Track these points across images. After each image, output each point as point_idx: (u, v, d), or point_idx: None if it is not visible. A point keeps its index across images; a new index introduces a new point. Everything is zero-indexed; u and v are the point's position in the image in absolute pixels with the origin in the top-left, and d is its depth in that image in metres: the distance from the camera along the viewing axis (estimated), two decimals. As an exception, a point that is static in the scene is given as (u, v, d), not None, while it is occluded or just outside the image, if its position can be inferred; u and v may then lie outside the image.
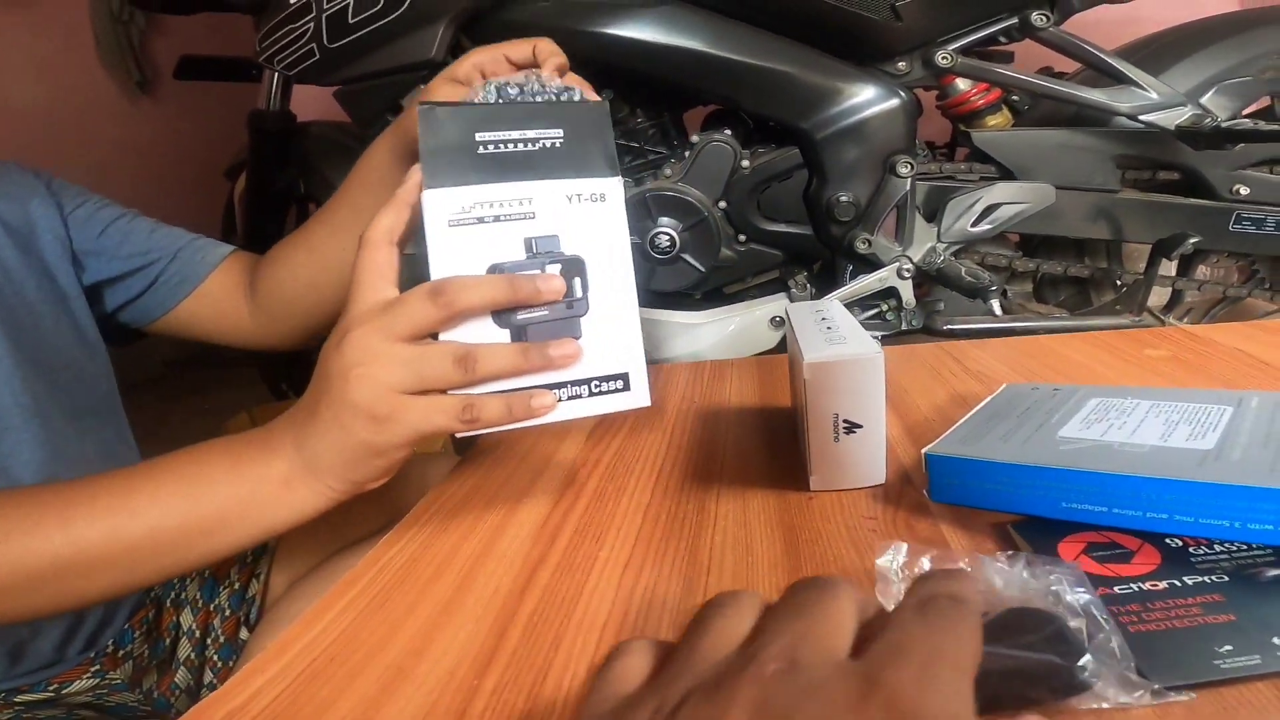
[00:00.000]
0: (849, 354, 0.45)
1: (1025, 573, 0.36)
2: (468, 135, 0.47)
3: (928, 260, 1.05)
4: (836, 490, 0.49)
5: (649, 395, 0.48)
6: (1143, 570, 0.36)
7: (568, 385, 0.47)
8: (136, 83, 2.73)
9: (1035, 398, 0.50)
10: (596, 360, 0.48)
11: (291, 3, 1.05)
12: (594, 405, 0.48)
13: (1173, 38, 1.15)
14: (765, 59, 1.04)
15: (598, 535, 0.49)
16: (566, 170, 0.49)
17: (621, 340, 0.48)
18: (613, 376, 0.48)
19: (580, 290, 0.48)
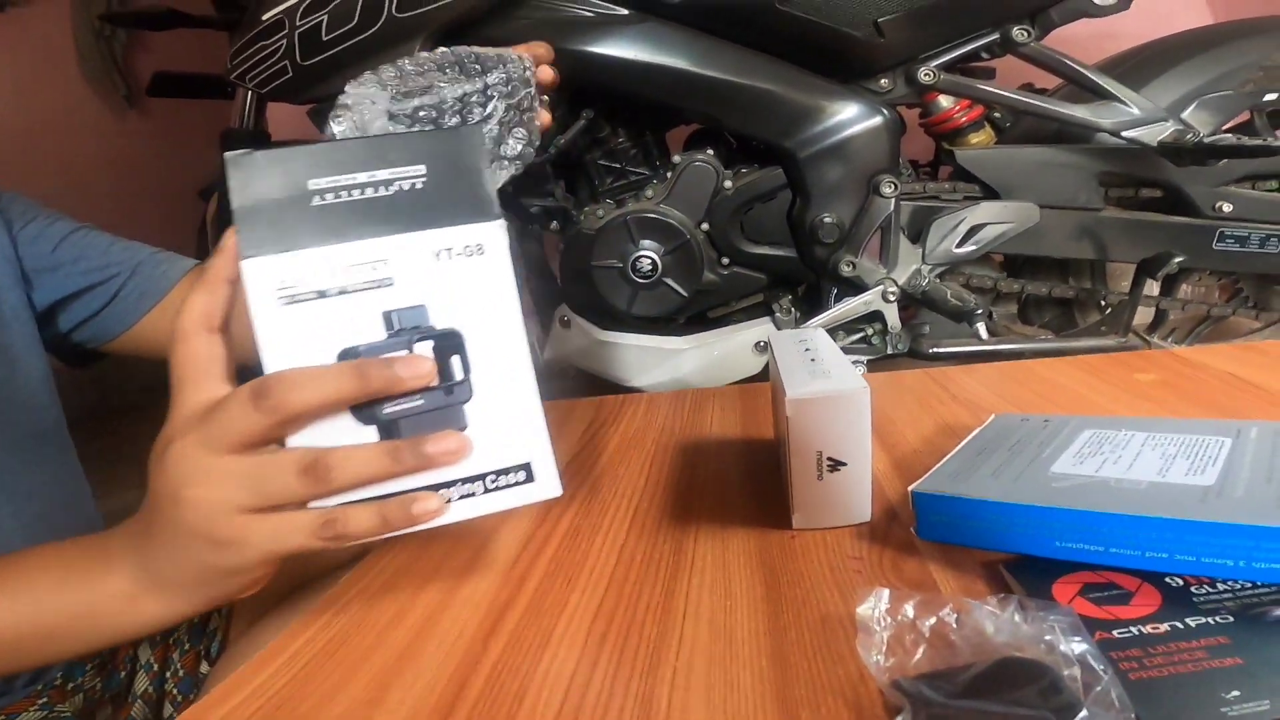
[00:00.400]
0: (833, 390, 0.43)
1: (1017, 617, 0.34)
2: (297, 183, 0.37)
3: (912, 283, 1.04)
4: (820, 529, 0.47)
5: (559, 483, 0.41)
6: (1143, 612, 0.34)
7: (458, 484, 0.39)
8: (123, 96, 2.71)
9: (1025, 429, 0.48)
10: (490, 451, 0.39)
11: (264, 19, 1.03)
12: (492, 502, 0.40)
13: (1152, 52, 1.15)
14: (747, 76, 1.03)
15: (569, 577, 0.46)
16: (431, 219, 0.38)
17: (519, 425, 0.40)
18: (513, 468, 0.40)
19: (460, 372, 0.39)
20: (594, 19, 1.02)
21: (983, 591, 0.39)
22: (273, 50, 1.03)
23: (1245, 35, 1.10)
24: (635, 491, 0.57)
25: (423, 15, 0.99)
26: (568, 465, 0.64)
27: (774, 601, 0.41)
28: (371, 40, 1.00)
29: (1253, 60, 1.09)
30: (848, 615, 0.38)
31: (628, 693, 0.35)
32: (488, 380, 0.39)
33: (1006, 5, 1.00)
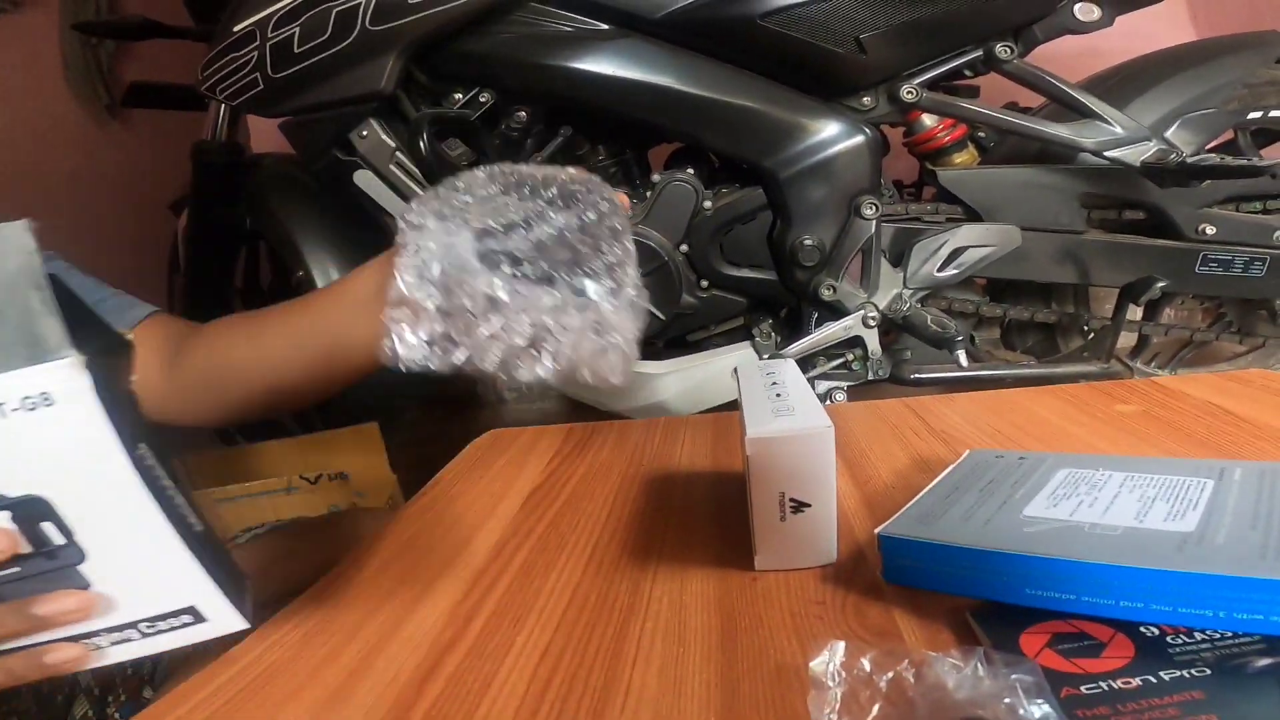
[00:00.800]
0: (796, 429, 0.41)
1: (982, 672, 0.32)
2: None
3: (894, 308, 1.02)
4: (784, 570, 0.44)
5: (240, 618, 0.36)
6: (1115, 665, 0.32)
7: (103, 634, 0.35)
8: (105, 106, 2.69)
9: (1000, 467, 0.46)
10: (136, 601, 0.35)
11: (235, 30, 1.01)
12: (160, 643, 0.36)
13: (1135, 69, 1.14)
14: (728, 94, 1.02)
15: (517, 618, 0.44)
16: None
17: (163, 574, 0.34)
18: (171, 613, 0.35)
19: (59, 536, 0.33)
20: (574, 34, 1.01)
21: (948, 641, 0.37)
22: (244, 62, 1.02)
23: (1228, 52, 1.10)
24: (596, 526, 0.54)
25: (398, 28, 0.97)
26: (531, 495, 0.61)
27: (729, 649, 0.38)
28: (344, 54, 0.99)
29: (1236, 77, 1.08)
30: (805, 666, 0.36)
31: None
32: (103, 536, 0.33)
33: (990, 22, 0.99)
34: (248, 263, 1.60)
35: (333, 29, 0.98)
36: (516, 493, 0.62)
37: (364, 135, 1.07)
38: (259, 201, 1.33)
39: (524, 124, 1.06)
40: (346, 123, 1.05)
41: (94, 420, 0.30)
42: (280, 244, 1.31)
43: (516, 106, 1.06)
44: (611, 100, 1.02)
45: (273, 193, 1.33)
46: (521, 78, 1.02)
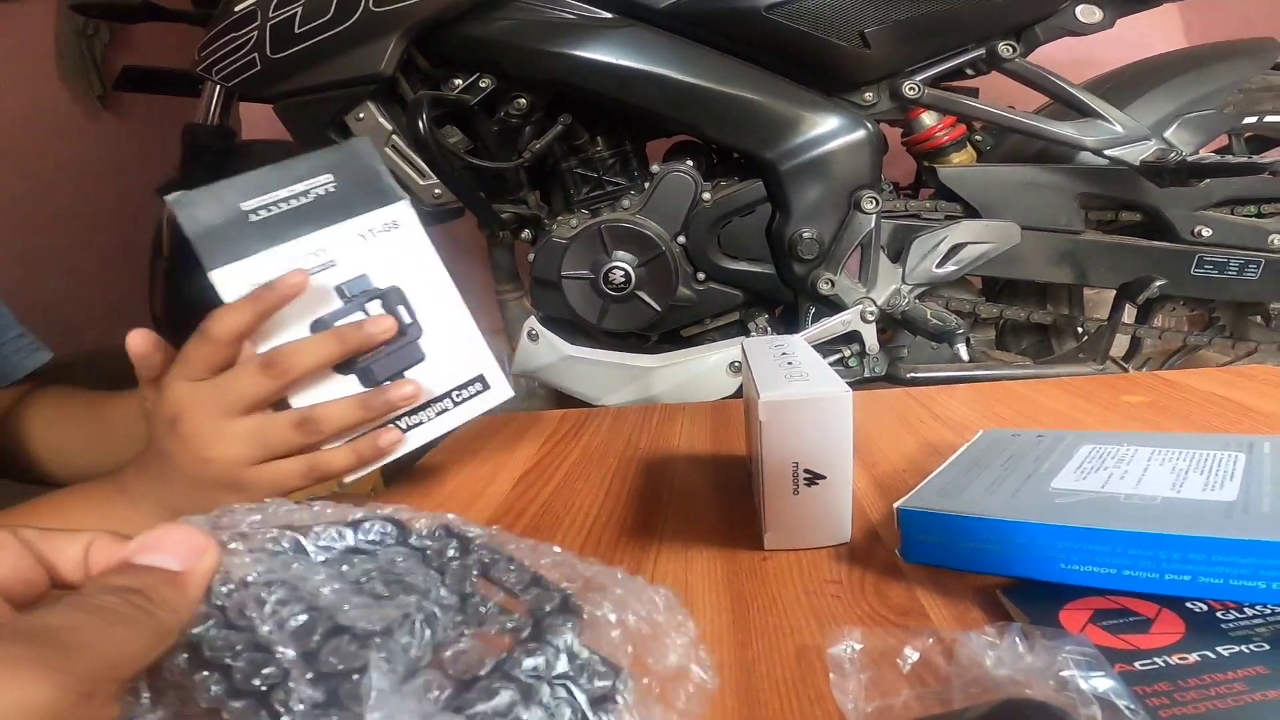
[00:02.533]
0: (812, 393, 0.38)
1: (1022, 648, 0.29)
2: (233, 208, 0.48)
3: (892, 303, 1.00)
4: (795, 550, 0.42)
5: (509, 386, 0.53)
6: (1166, 641, 0.30)
7: (433, 404, 0.51)
8: (98, 97, 2.65)
9: (1018, 445, 0.44)
10: (450, 371, 0.51)
11: (235, 10, 0.99)
12: (462, 414, 0.52)
13: (1135, 72, 1.14)
14: (730, 85, 1.00)
15: (515, 599, 0.41)
16: (349, 210, 0.49)
17: (465, 346, 0.52)
18: (470, 382, 0.52)
19: (409, 315, 0.50)
20: (576, 22, 0.99)
21: (979, 619, 0.35)
22: (242, 42, 0.99)
23: (1226, 57, 1.10)
24: (593, 506, 0.52)
25: (402, 10, 0.95)
26: (522, 478, 0.59)
27: (742, 630, 0.36)
28: (345, 35, 0.96)
29: (1232, 82, 1.08)
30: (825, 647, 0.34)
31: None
32: (432, 318, 0.51)
33: (993, 21, 0.98)
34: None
35: (335, 9, 0.96)
36: (507, 475, 0.59)
37: (360, 118, 1.04)
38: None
39: (523, 111, 1.04)
40: (343, 105, 1.03)
41: (420, 235, 0.51)
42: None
43: (516, 93, 1.04)
44: (613, 89, 1.00)
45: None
46: (522, 64, 1.00)
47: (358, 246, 0.49)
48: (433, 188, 1.07)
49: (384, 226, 0.50)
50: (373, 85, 1.01)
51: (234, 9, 1.00)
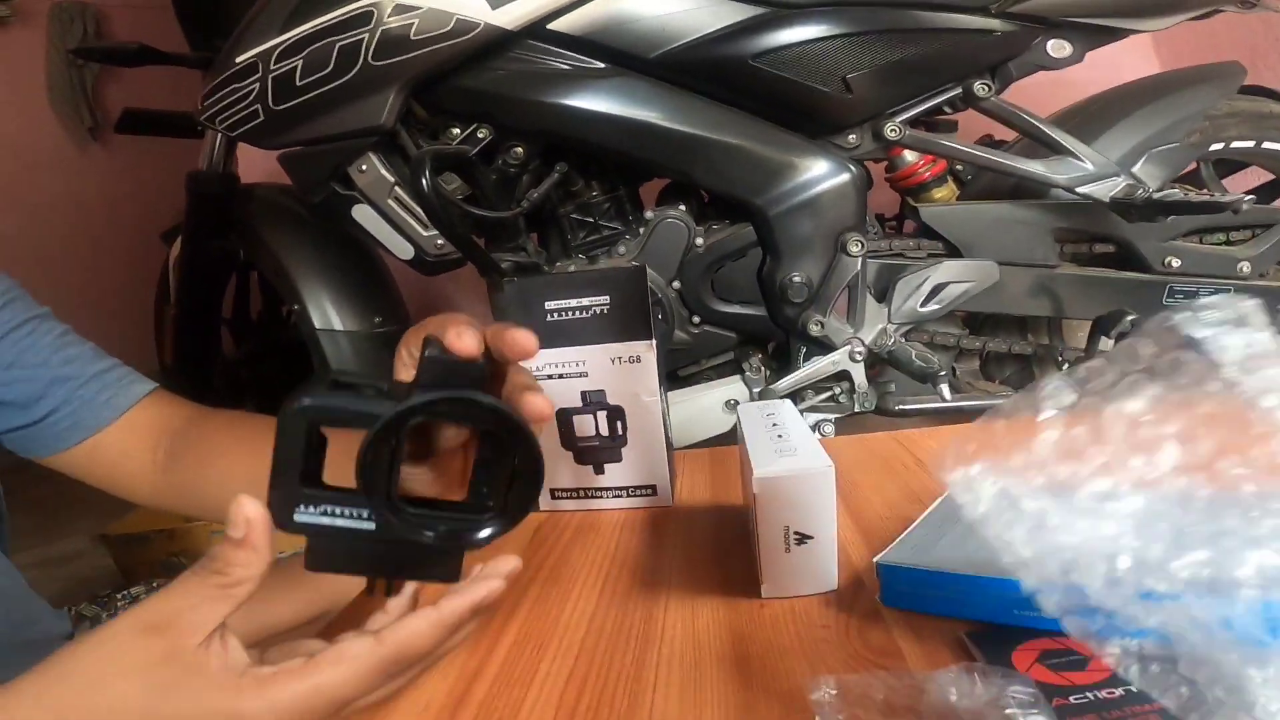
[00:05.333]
0: (799, 468, 0.44)
1: (979, 686, 0.35)
2: (540, 306, 0.62)
3: (879, 342, 1.06)
4: (789, 597, 0.47)
5: (671, 497, 0.66)
6: (1098, 677, 0.35)
7: (611, 490, 0.66)
8: (88, 129, 2.67)
9: (985, 497, 0.49)
10: (634, 475, 0.65)
11: (237, 61, 1.03)
12: (629, 503, 0.66)
13: (1100, 104, 1.19)
14: (720, 132, 1.05)
15: (539, 645, 0.46)
16: (612, 335, 0.61)
17: (650, 463, 0.65)
18: (644, 486, 0.66)
19: (622, 430, 0.64)
20: (570, 72, 1.04)
21: (946, 659, 0.40)
22: (245, 93, 1.03)
23: (1190, 84, 1.14)
24: (604, 559, 0.57)
25: (400, 64, 1.00)
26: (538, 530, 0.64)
27: (743, 674, 0.41)
28: (346, 88, 1.01)
29: (1198, 110, 1.12)
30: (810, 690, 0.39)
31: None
32: (636, 435, 0.64)
33: (968, 61, 1.04)
34: (237, 292, 1.61)
35: (335, 63, 1.00)
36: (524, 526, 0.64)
37: (363, 170, 1.08)
38: (252, 232, 1.33)
39: (520, 160, 1.09)
40: (345, 156, 1.07)
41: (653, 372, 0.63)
42: (275, 276, 1.32)
43: (513, 143, 1.08)
44: (607, 137, 1.05)
45: (266, 224, 1.33)
46: (519, 114, 1.05)
47: (607, 367, 0.62)
48: (435, 238, 1.12)
49: (630, 358, 0.62)
50: (374, 137, 1.06)
51: (235, 60, 1.03)
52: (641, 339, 0.62)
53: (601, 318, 0.62)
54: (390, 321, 1.28)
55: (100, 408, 0.63)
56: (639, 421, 0.64)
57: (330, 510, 0.34)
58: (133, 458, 0.64)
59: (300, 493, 0.34)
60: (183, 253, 1.45)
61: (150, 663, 0.30)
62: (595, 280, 0.62)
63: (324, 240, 1.30)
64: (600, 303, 0.62)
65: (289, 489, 0.33)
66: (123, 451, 0.64)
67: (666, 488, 0.65)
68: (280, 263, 1.26)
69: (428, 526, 0.34)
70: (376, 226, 1.11)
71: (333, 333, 1.23)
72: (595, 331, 0.62)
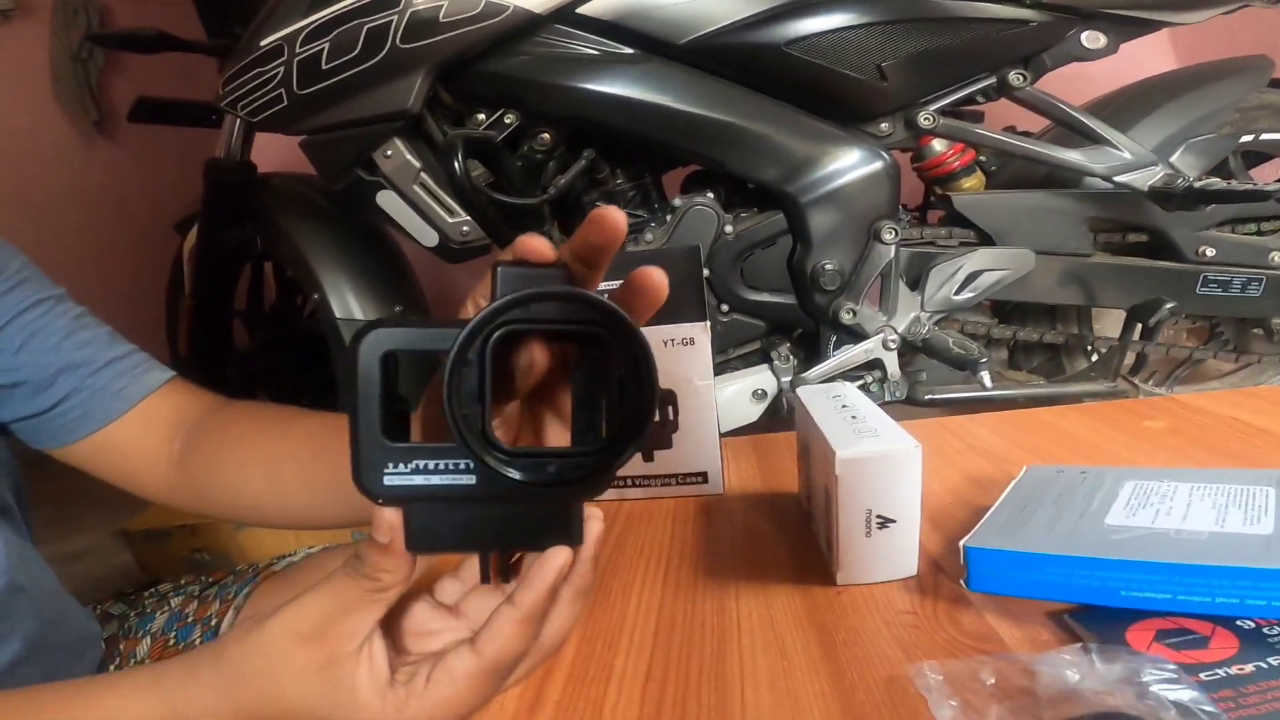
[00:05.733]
0: (885, 449, 0.43)
1: (1100, 666, 0.33)
2: None
3: (912, 330, 1.05)
4: (865, 584, 0.46)
5: (722, 486, 0.64)
6: (1224, 655, 0.34)
7: (661, 478, 0.64)
8: (93, 122, 2.64)
9: (1063, 482, 0.48)
10: (685, 462, 0.63)
11: (261, 45, 1.01)
12: (679, 491, 0.64)
13: (1132, 95, 1.18)
14: (751, 119, 1.04)
15: (609, 641, 0.44)
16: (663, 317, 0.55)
17: (702, 449, 0.63)
18: (695, 474, 0.64)
19: (673, 415, 0.62)
20: (598, 57, 1.03)
21: (1050, 642, 0.39)
22: (269, 78, 1.01)
23: (1220, 77, 1.14)
24: (663, 548, 0.55)
25: (428, 47, 0.98)
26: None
27: (833, 661, 0.40)
28: (373, 71, 0.99)
29: (1230, 102, 1.12)
30: (913, 675, 0.37)
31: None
32: (687, 421, 0.62)
33: (1003, 50, 1.03)
34: (252, 284, 1.58)
35: (363, 46, 0.98)
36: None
37: (388, 155, 1.07)
38: (270, 222, 1.31)
39: (547, 146, 1.07)
40: (370, 141, 1.05)
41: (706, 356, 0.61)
42: (293, 266, 1.30)
43: (540, 129, 1.07)
44: (635, 124, 1.03)
45: (284, 213, 1.31)
46: (546, 99, 1.03)
47: (659, 350, 0.59)
48: (461, 225, 1.11)
49: (683, 340, 0.60)
50: (399, 122, 1.04)
51: (259, 44, 1.02)
52: (695, 320, 0.60)
53: None
54: (411, 308, 1.27)
55: (112, 398, 0.59)
56: (691, 407, 0.62)
57: (424, 465, 0.28)
58: (145, 451, 0.60)
59: (387, 449, 0.28)
60: (199, 243, 1.42)
61: (313, 669, 0.30)
62: (649, 259, 0.59)
63: (343, 229, 1.28)
64: None
65: (373, 446, 0.28)
66: (135, 444, 0.60)
67: (718, 475, 0.63)
68: (299, 252, 1.24)
69: (539, 468, 0.29)
70: (401, 213, 1.10)
71: (354, 321, 1.21)
72: None
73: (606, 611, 0.48)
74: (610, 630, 0.45)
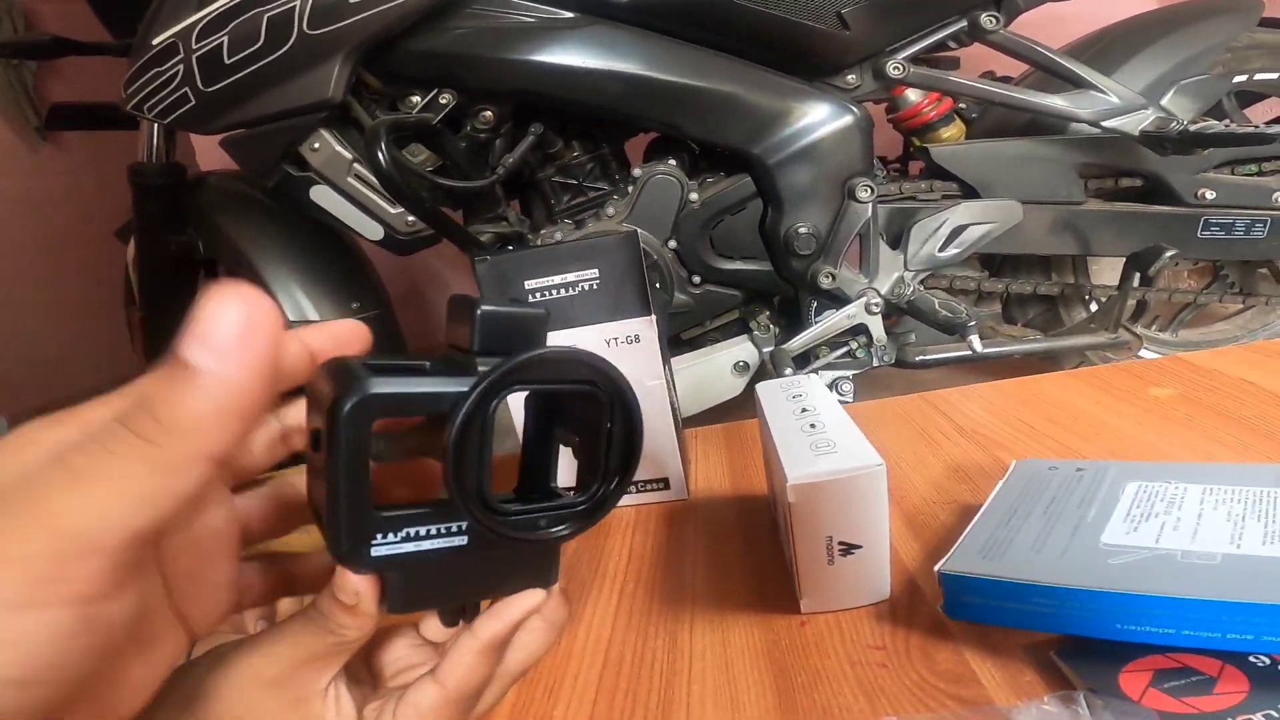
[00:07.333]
0: (843, 469, 0.36)
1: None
2: (518, 282, 0.53)
3: (896, 291, 0.98)
4: (833, 611, 0.41)
5: (686, 490, 0.59)
6: (1231, 702, 0.29)
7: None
8: (35, 129, 2.55)
9: (1058, 482, 0.42)
10: (644, 468, 0.57)
11: (154, 43, 0.93)
12: (641, 499, 0.59)
13: (1115, 36, 1.12)
14: (706, 79, 0.96)
15: (550, 688, 0.40)
16: (605, 314, 0.54)
17: (660, 454, 0.57)
18: (655, 480, 0.58)
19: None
20: (536, 24, 0.95)
21: (1034, 684, 0.33)
22: (169, 76, 0.94)
23: (1211, 15, 1.07)
24: (619, 568, 0.50)
25: (340, 31, 0.91)
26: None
27: (789, 712, 0.35)
28: (283, 62, 0.92)
29: (1220, 41, 1.06)
30: (879, 731, 0.32)
31: None
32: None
33: (972, -10, 0.95)
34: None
35: (266, 36, 0.91)
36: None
37: (316, 148, 1.00)
38: (208, 224, 1.23)
39: (490, 124, 1.01)
40: (295, 135, 0.98)
41: (655, 351, 0.55)
42: (237, 269, 1.23)
43: (481, 106, 1.00)
44: (583, 93, 0.96)
45: (222, 214, 1.23)
46: (483, 75, 0.96)
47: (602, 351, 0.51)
48: (404, 215, 1.04)
49: (628, 338, 0.55)
50: (324, 112, 0.97)
51: (151, 41, 0.94)
52: (639, 315, 0.54)
53: (591, 294, 0.54)
54: (369, 305, 1.20)
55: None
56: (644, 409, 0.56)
57: (415, 533, 0.26)
58: None
59: (376, 519, 0.25)
60: (137, 250, 1.35)
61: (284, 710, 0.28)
62: (581, 252, 0.53)
63: (288, 226, 1.20)
64: (589, 277, 0.53)
65: (359, 518, 0.25)
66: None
67: (680, 479, 0.58)
68: (242, 254, 1.17)
69: (534, 524, 0.28)
70: (339, 207, 1.03)
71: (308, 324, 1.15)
72: (585, 310, 0.54)
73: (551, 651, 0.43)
74: (553, 674, 0.41)
